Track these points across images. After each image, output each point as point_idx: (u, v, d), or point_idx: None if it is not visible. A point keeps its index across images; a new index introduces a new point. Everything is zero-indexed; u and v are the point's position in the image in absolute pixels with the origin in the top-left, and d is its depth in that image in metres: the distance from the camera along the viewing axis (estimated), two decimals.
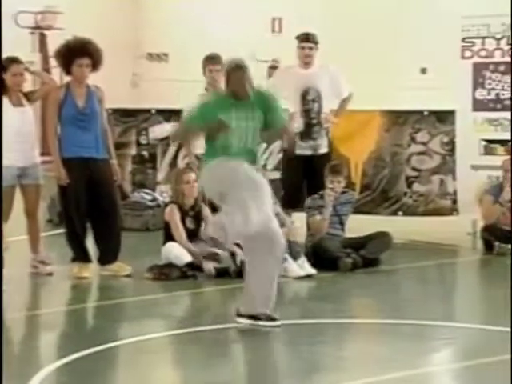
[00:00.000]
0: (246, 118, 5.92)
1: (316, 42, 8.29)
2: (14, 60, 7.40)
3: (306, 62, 8.26)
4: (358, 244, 7.94)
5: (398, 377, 5.05)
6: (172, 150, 9.96)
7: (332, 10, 12.51)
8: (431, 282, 7.78)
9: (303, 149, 8.26)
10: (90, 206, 7.36)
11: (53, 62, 15.21)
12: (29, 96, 7.50)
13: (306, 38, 8.25)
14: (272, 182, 8.67)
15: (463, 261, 8.57)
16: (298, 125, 8.23)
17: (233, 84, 5.98)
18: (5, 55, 7.53)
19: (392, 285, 7.48)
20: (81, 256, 7.45)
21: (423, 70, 11.89)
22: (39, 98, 7.82)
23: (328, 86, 8.26)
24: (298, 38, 8.32)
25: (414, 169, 9.14)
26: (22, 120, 7.40)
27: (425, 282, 7.73)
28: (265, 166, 9.22)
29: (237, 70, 6.03)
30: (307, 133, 8.27)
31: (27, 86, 7.66)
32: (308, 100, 8.25)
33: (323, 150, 8.33)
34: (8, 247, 6.92)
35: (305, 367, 5.46)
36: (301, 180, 8.23)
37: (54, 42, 14.21)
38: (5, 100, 7.34)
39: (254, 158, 6.00)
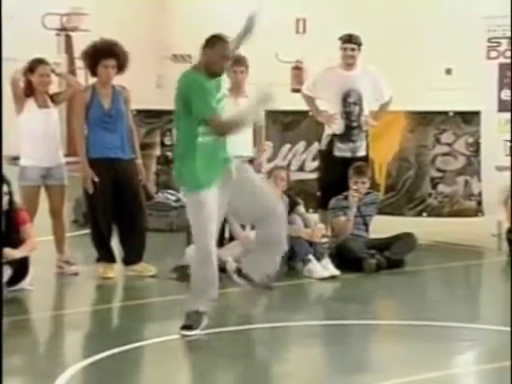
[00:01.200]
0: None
1: (359, 44, 8.23)
2: (40, 61, 7.46)
3: (349, 63, 8.21)
4: (382, 245, 7.92)
5: (422, 379, 5.04)
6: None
7: (356, 11, 12.48)
8: (456, 284, 7.74)
9: (343, 151, 8.24)
10: (115, 207, 7.39)
11: (78, 64, 15.36)
12: (54, 98, 7.54)
13: (349, 39, 8.20)
14: (294, 182, 8.74)
15: (488, 262, 8.53)
16: (337, 126, 8.22)
17: (215, 58, 5.72)
18: (32, 57, 7.62)
19: (416, 286, 7.45)
20: (106, 256, 7.48)
21: (448, 71, 11.84)
22: (64, 100, 7.87)
23: (370, 88, 8.21)
24: (340, 38, 8.27)
25: (439, 170, 9.10)
26: (47, 121, 7.44)
27: (449, 284, 7.70)
28: (288, 166, 9.23)
29: (219, 42, 5.81)
30: (347, 135, 8.24)
31: (53, 88, 7.70)
32: (349, 102, 8.21)
33: (362, 152, 8.30)
34: (34, 247, 6.96)
35: (329, 368, 5.46)
36: (338, 181, 8.18)
37: (80, 43, 14.33)
38: (30, 101, 7.40)
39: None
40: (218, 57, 5.77)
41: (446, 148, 9.09)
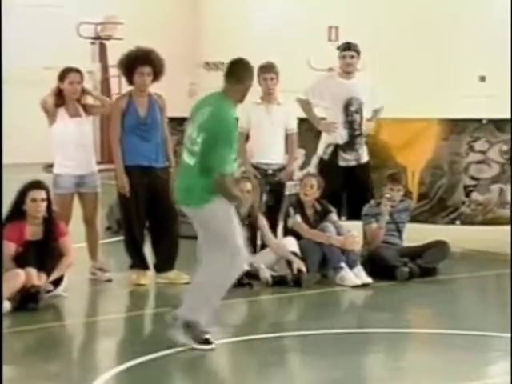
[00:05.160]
0: None
1: (357, 52, 8.25)
2: (70, 69, 7.50)
3: (347, 71, 8.23)
4: (415, 253, 7.89)
5: None
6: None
7: (389, 19, 12.46)
8: (489, 293, 7.69)
9: (347, 161, 8.25)
10: (148, 214, 7.43)
11: (112, 72, 15.50)
12: (87, 108, 7.57)
13: (348, 47, 8.24)
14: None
15: None
16: (339, 135, 8.22)
17: (244, 90, 5.68)
18: (67, 65, 7.68)
19: (449, 295, 7.41)
20: (139, 263, 7.52)
21: (482, 78, 11.78)
22: (95, 115, 7.88)
23: (368, 96, 8.24)
24: (338, 48, 8.32)
25: (473, 178, 9.04)
26: (79, 130, 7.48)
27: (482, 292, 7.65)
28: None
29: (248, 74, 5.72)
30: (350, 144, 8.25)
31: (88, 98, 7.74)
32: (351, 111, 8.22)
33: (364, 159, 8.33)
34: (71, 264, 7.02)
35: (361, 377, 5.45)
36: (341, 190, 8.20)
37: (114, 51, 14.45)
38: (62, 111, 7.45)
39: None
40: (247, 89, 5.76)
41: (480, 156, 9.03)
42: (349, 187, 8.25)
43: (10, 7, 15.09)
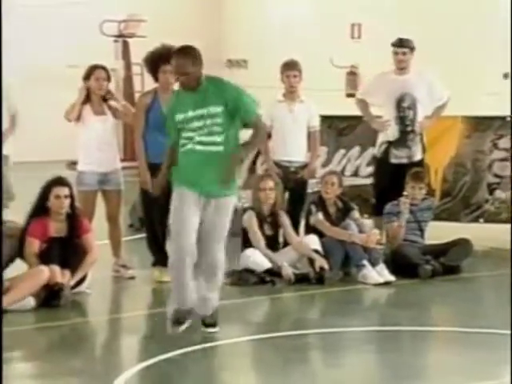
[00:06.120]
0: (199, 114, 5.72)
1: (411, 47, 8.16)
2: (96, 66, 7.54)
3: (400, 67, 8.16)
4: (437, 251, 7.87)
5: None
6: (251, 155, 10.00)
7: (412, 17, 12.42)
8: None
9: (399, 158, 8.18)
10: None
11: (135, 70, 15.55)
12: (112, 108, 7.58)
13: (400, 43, 8.15)
14: (349, 188, 8.73)
15: None
16: (391, 132, 8.19)
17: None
18: (91, 63, 7.72)
19: (472, 293, 7.38)
20: (161, 260, 7.53)
21: (506, 75, 11.71)
22: (117, 119, 7.89)
23: (425, 92, 8.16)
24: (393, 44, 8.23)
25: (496, 175, 8.99)
26: (103, 128, 7.52)
27: (506, 291, 7.57)
28: (343, 171, 9.21)
29: (178, 54, 5.80)
30: (402, 140, 8.20)
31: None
32: (403, 107, 8.16)
33: (418, 157, 8.25)
34: (95, 261, 7.06)
35: (383, 375, 5.44)
36: (393, 187, 8.11)
37: (137, 49, 14.49)
38: (87, 108, 7.49)
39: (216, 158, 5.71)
40: (175, 73, 5.90)
41: (504, 153, 8.98)
42: (399, 186, 7.99)
43: (31, 5, 15.20)
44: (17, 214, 7.35)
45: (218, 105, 5.73)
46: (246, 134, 5.93)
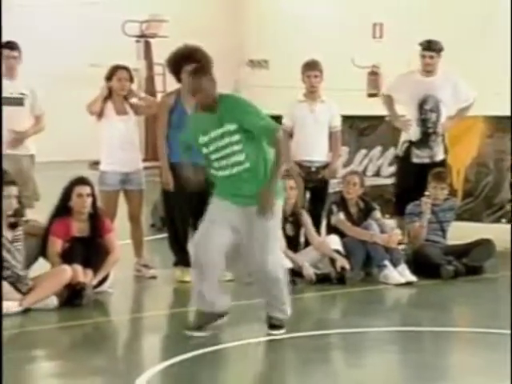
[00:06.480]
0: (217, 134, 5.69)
1: (439, 50, 8.12)
2: (118, 67, 7.58)
3: (427, 70, 8.13)
4: (460, 251, 7.84)
5: None
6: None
7: (434, 16, 12.38)
8: None
9: (421, 157, 8.16)
10: (191, 211, 7.47)
11: (156, 70, 15.61)
12: (134, 107, 7.63)
13: (428, 46, 8.10)
14: (370, 188, 8.71)
15: None
16: (413, 132, 8.17)
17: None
18: (112, 63, 7.76)
19: (494, 293, 7.35)
20: (183, 260, 7.56)
21: None
22: (142, 115, 7.94)
23: (450, 93, 8.13)
24: (420, 45, 8.20)
25: None
26: (125, 128, 7.56)
27: None
28: (364, 171, 9.20)
29: (195, 74, 5.76)
30: (424, 141, 8.17)
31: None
32: (425, 109, 8.13)
33: (440, 157, 8.23)
34: (117, 260, 7.09)
35: (404, 375, 5.44)
36: (415, 187, 8.07)
37: (158, 49, 14.56)
38: (109, 107, 7.53)
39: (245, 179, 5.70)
40: (189, 93, 5.89)
41: None
42: (421, 186, 7.98)
43: (55, 5, 15.28)
44: (40, 213, 7.40)
45: (232, 122, 5.69)
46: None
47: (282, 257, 6.07)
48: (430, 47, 8.12)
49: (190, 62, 7.28)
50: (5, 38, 7.99)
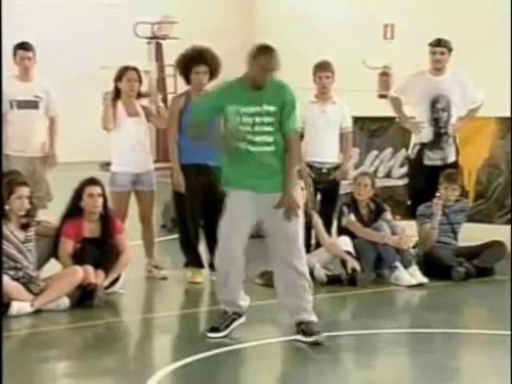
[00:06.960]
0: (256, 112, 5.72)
1: (449, 48, 8.12)
2: (128, 68, 7.57)
3: (437, 67, 8.11)
4: (471, 253, 7.83)
5: None
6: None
7: (445, 17, 12.35)
8: None
9: (433, 160, 8.15)
10: (203, 212, 7.48)
11: (168, 71, 15.62)
12: (146, 112, 7.63)
13: (438, 43, 8.10)
14: (381, 189, 8.71)
15: None
16: (425, 134, 8.16)
17: (257, 69, 5.75)
18: (124, 64, 7.77)
19: (506, 295, 7.32)
20: (194, 261, 7.58)
21: None
22: (150, 122, 7.93)
23: (459, 93, 8.12)
24: (430, 43, 8.19)
25: None
26: (136, 129, 7.56)
27: None
28: (375, 172, 9.18)
29: (261, 55, 5.81)
30: (436, 142, 8.16)
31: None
32: (438, 108, 8.11)
33: (451, 158, 8.21)
34: (128, 262, 7.11)
35: (415, 377, 5.43)
36: (428, 189, 8.05)
37: (170, 51, 14.57)
38: (121, 109, 7.54)
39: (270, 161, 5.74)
40: (260, 69, 5.80)
41: None
42: (433, 188, 7.94)
43: (65, 5, 15.31)
44: (52, 214, 7.43)
45: (274, 105, 5.76)
46: None
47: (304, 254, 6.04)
48: (441, 44, 8.12)
49: (198, 63, 7.31)
50: (17, 40, 8.06)
